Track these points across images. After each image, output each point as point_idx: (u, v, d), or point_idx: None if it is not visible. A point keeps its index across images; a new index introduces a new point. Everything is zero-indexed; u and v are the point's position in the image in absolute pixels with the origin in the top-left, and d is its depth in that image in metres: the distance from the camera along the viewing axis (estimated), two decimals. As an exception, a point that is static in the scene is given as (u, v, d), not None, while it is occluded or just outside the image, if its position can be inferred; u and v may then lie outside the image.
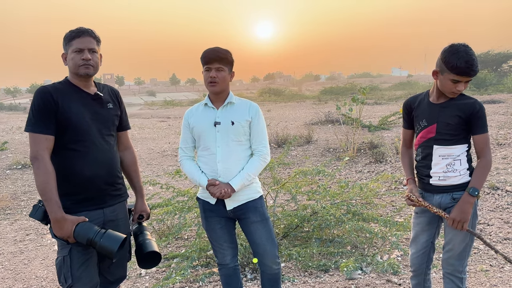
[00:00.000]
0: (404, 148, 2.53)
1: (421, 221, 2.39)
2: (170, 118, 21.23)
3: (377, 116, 14.25)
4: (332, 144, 9.57)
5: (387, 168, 7.48)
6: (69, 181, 2.18)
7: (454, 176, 2.22)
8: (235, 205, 2.45)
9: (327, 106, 21.18)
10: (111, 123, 2.34)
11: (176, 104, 38.28)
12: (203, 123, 2.45)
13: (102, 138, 2.27)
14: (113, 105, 2.37)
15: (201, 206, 2.57)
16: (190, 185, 6.28)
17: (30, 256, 4.41)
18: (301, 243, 3.96)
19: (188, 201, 4.25)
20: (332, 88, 39.60)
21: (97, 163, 2.23)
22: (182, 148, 2.57)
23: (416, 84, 41.36)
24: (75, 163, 2.18)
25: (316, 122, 13.53)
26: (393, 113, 11.73)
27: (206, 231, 2.59)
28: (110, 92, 2.41)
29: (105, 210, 2.28)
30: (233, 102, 2.47)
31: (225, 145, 2.41)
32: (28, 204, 6.54)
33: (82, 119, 2.19)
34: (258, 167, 2.45)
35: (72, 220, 2.09)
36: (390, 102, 21.86)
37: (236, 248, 2.61)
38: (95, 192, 2.24)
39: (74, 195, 2.19)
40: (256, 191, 2.52)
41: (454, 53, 2.10)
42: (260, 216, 2.48)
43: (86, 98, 2.25)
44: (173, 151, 10.23)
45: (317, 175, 3.91)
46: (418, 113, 2.36)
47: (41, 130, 2.12)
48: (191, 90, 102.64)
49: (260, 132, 2.47)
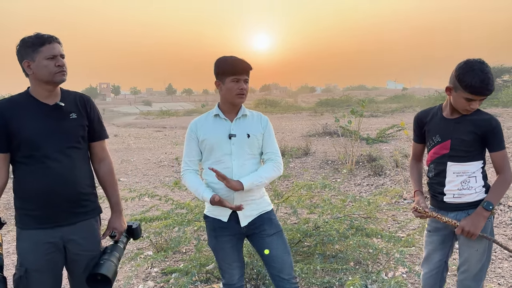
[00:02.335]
0: (414, 162, 2.46)
1: (434, 239, 2.31)
2: (166, 128, 21.15)
3: (373, 129, 14.23)
4: (330, 156, 9.51)
5: (387, 181, 7.41)
6: (24, 197, 2.10)
7: (469, 193, 2.15)
8: (249, 220, 2.36)
9: (323, 118, 21.20)
10: (73, 134, 2.17)
11: (172, 114, 38.20)
12: (216, 135, 2.33)
13: (61, 151, 2.12)
14: (78, 115, 2.20)
15: (210, 225, 2.44)
16: (188, 197, 6.17)
17: None
18: (303, 259, 3.85)
19: (187, 214, 4.15)
20: (328, 100, 39.76)
21: (52, 179, 2.09)
22: (185, 161, 2.44)
23: (412, 97, 41.52)
24: (29, 178, 2.09)
25: (314, 134, 13.49)
26: (391, 126, 11.70)
27: (214, 251, 2.46)
28: (78, 101, 2.24)
29: (63, 228, 2.15)
30: (246, 114, 2.39)
31: (240, 158, 2.32)
32: None
33: (35, 133, 2.08)
34: (271, 173, 2.35)
35: None
36: (386, 115, 21.92)
37: (243, 267, 2.50)
38: (50, 209, 2.11)
39: (30, 210, 2.10)
40: (268, 203, 2.45)
41: (468, 70, 2.01)
42: (275, 227, 2.39)
43: (44, 109, 2.12)
44: (169, 162, 10.12)
45: (323, 189, 3.82)
46: (430, 127, 2.28)
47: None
48: (187, 100, 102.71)
49: (272, 142, 2.42)
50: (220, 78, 2.32)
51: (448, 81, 2.17)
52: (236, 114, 2.37)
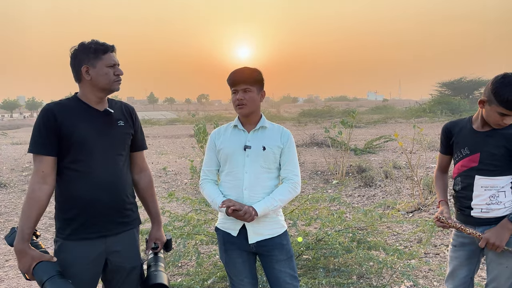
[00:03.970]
0: (439, 173, 2.42)
1: (460, 255, 2.26)
2: (148, 137, 20.83)
3: (359, 139, 14.34)
4: (320, 167, 9.49)
5: (378, 192, 7.42)
6: (68, 205, 2.02)
7: (498, 208, 2.11)
8: (258, 238, 2.27)
9: (307, 128, 21.27)
10: (120, 141, 2.15)
11: (154, 123, 37.78)
12: (232, 146, 2.28)
13: (108, 158, 2.08)
14: (125, 122, 2.19)
15: (220, 238, 2.37)
16: (182, 208, 6.04)
17: (11, 285, 4.06)
18: (305, 272, 3.77)
19: (184, 227, 4.03)
20: (310, 111, 39.96)
21: (100, 186, 2.04)
22: (204, 170, 2.39)
23: (392, 108, 42.18)
24: (74, 185, 2.01)
25: (301, 144, 13.48)
26: (378, 137, 11.80)
27: (225, 265, 2.38)
28: (124, 109, 2.23)
29: (108, 239, 2.07)
30: (265, 126, 2.32)
31: (253, 171, 2.24)
32: (5, 227, 6.14)
33: (86, 137, 2.02)
34: (286, 195, 2.26)
35: (34, 256, 1.92)
36: (369, 126, 22.16)
37: (256, 284, 2.40)
38: (95, 218, 2.04)
39: (74, 220, 2.01)
40: (281, 225, 2.34)
41: (506, 85, 1.96)
42: (286, 254, 2.29)
43: (94, 115, 2.09)
44: (157, 172, 9.93)
45: (331, 202, 3.76)
46: (459, 140, 2.24)
47: (40, 150, 1.97)
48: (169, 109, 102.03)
49: (292, 160, 2.31)
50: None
51: (482, 94, 2.12)
52: (255, 126, 2.31)
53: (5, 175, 9.64)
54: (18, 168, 10.47)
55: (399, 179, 8.03)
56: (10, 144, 17.10)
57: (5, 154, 13.19)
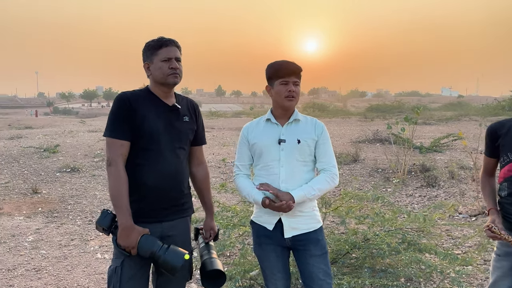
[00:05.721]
0: (485, 177, 2.27)
1: (504, 265, 2.11)
2: (214, 129, 21.37)
3: (427, 137, 13.65)
4: (381, 165, 9.18)
5: (440, 193, 7.05)
6: (131, 190, 2.11)
7: None
8: (294, 233, 2.27)
9: (373, 124, 20.61)
10: (184, 136, 2.28)
11: (220, 115, 38.63)
12: (266, 140, 2.29)
13: (172, 150, 2.20)
14: (190, 118, 2.31)
15: (255, 231, 2.40)
16: (234, 200, 6.15)
17: (73, 263, 4.40)
18: (351, 271, 3.70)
19: (232, 218, 4.11)
20: (378, 106, 38.60)
21: (162, 175, 2.16)
22: (237, 165, 2.43)
23: (468, 105, 39.57)
24: (140, 172, 2.14)
25: (363, 140, 13.09)
26: (446, 135, 11.15)
27: (259, 258, 2.41)
28: (189, 105, 2.35)
29: (164, 224, 2.20)
30: (299, 119, 2.31)
31: (289, 165, 2.24)
32: (74, 208, 6.64)
33: (155, 128, 2.15)
34: (324, 185, 2.25)
35: (139, 230, 2.04)
36: (440, 123, 20.99)
37: (289, 280, 2.40)
38: (155, 204, 2.17)
39: (135, 203, 2.12)
40: (317, 220, 2.33)
41: None
42: (321, 249, 2.28)
43: (163, 108, 2.21)
44: (217, 163, 10.18)
45: (375, 201, 3.65)
46: (506, 142, 2.09)
47: (117, 135, 2.10)
48: (235, 102, 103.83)
49: (327, 151, 2.30)
50: (270, 82, 2.31)
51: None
52: (288, 119, 2.30)
53: (79, 160, 10.39)
54: (91, 154, 11.22)
55: (464, 180, 7.57)
56: (87, 131, 18.34)
57: (81, 140, 14.18)
